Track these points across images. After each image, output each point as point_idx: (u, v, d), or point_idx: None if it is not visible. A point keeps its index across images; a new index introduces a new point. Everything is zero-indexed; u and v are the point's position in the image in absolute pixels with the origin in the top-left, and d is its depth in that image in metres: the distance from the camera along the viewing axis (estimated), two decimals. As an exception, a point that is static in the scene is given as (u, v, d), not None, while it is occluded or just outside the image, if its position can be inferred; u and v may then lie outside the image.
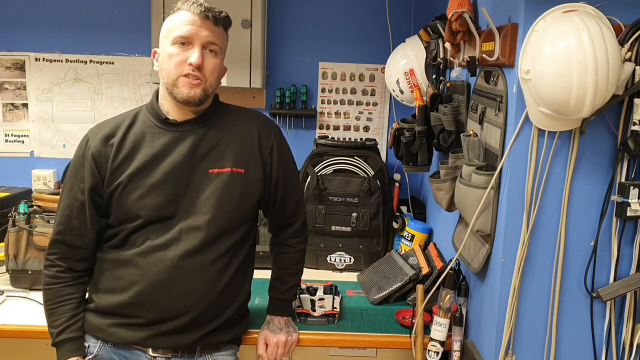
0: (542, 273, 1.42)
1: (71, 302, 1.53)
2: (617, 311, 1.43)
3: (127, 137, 1.50)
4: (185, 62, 1.44)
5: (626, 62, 1.27)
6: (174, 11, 1.50)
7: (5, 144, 2.69)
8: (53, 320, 1.52)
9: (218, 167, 1.50)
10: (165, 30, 1.49)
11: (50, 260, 1.54)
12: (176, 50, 1.45)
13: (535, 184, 1.38)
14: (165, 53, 1.47)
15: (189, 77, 1.45)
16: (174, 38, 1.45)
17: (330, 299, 1.90)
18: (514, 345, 1.45)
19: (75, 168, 1.53)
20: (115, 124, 1.54)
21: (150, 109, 1.54)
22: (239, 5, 2.39)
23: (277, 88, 2.65)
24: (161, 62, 1.50)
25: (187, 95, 1.45)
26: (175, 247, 1.47)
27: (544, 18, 1.27)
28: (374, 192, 2.28)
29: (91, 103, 2.67)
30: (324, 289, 1.96)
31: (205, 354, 1.57)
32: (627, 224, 1.39)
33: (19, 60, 2.62)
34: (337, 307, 1.88)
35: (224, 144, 1.53)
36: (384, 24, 2.59)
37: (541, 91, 1.25)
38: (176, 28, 1.46)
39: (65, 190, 1.54)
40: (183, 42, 1.45)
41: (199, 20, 1.45)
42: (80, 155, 1.52)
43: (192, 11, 1.46)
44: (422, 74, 2.14)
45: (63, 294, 1.53)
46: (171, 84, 1.46)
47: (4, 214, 2.21)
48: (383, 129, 2.73)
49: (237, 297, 1.59)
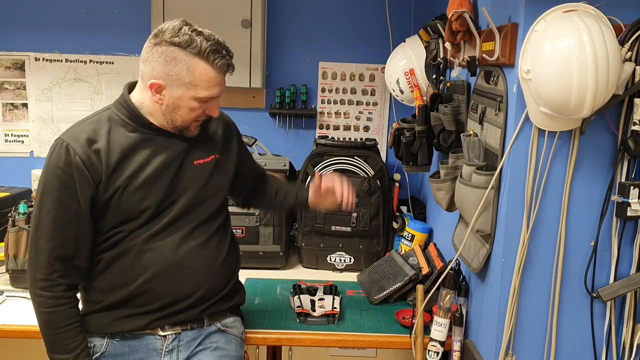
0: (542, 273, 1.42)
1: (79, 323, 1.48)
2: (617, 311, 1.43)
3: (112, 142, 1.46)
4: (203, 113, 1.50)
5: (626, 62, 1.27)
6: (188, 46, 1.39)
7: (5, 144, 2.69)
8: (65, 344, 1.45)
9: (202, 158, 1.58)
10: (185, 78, 1.41)
11: (52, 279, 1.44)
12: (198, 105, 1.46)
13: (536, 184, 1.38)
14: (182, 101, 1.45)
15: (198, 121, 1.53)
16: (200, 97, 1.44)
17: (330, 299, 1.90)
18: (514, 345, 1.45)
19: (58, 177, 1.43)
20: (91, 128, 1.48)
21: (128, 114, 1.49)
22: (239, 5, 2.39)
23: (277, 88, 2.65)
24: (173, 106, 1.46)
25: (195, 133, 1.55)
26: (173, 233, 1.52)
27: (544, 18, 1.27)
28: (374, 192, 2.28)
29: (91, 103, 2.66)
30: (324, 289, 1.96)
31: (214, 322, 1.62)
32: (627, 224, 1.39)
33: (19, 60, 2.62)
34: (337, 307, 1.88)
35: (202, 137, 1.60)
36: (384, 24, 2.59)
37: (541, 91, 1.25)
38: (202, 86, 1.43)
39: (48, 202, 1.44)
40: (206, 100, 1.47)
41: (222, 78, 1.47)
42: (62, 162, 1.43)
43: (219, 70, 1.44)
44: (422, 73, 2.14)
45: (71, 316, 1.47)
46: (183, 128, 1.51)
47: (3, 214, 2.21)
48: (383, 129, 2.73)
49: (235, 269, 1.70)
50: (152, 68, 1.43)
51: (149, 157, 1.49)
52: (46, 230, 1.44)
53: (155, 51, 1.42)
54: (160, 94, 1.45)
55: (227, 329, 1.64)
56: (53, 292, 1.45)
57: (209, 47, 1.41)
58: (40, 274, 1.44)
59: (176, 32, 1.40)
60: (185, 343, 1.57)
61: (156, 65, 1.42)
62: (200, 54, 1.40)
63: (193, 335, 1.58)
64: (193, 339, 1.58)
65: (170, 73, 1.42)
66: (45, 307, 1.45)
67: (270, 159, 2.40)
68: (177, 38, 1.39)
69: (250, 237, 2.26)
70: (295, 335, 1.76)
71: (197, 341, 1.58)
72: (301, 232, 2.31)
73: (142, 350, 1.54)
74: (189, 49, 1.40)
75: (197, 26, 1.44)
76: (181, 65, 1.41)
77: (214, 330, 1.61)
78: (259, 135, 2.44)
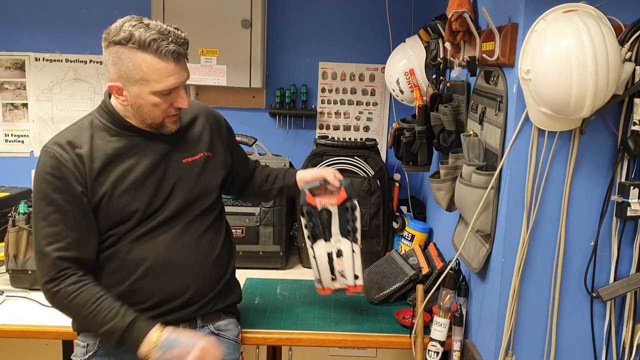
0: (542, 273, 1.42)
1: (108, 295, 1.44)
2: (617, 311, 1.43)
3: (94, 148, 1.45)
4: (171, 107, 1.46)
5: (626, 62, 1.27)
6: (129, 42, 1.36)
7: (5, 144, 2.69)
8: (104, 315, 1.41)
9: (190, 156, 1.57)
10: (136, 75, 1.38)
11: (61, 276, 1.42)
12: (160, 100, 1.42)
13: (536, 184, 1.38)
14: (143, 99, 1.41)
15: (173, 115, 1.49)
16: (157, 91, 1.40)
17: (349, 258, 1.70)
18: (514, 345, 1.45)
19: (48, 182, 1.42)
20: (73, 134, 1.47)
21: (109, 118, 1.49)
22: (239, 5, 2.39)
23: (277, 88, 2.65)
24: (137, 106, 1.43)
25: (173, 129, 1.51)
26: (163, 233, 1.51)
27: (544, 18, 1.27)
28: (374, 192, 2.28)
29: (91, 103, 2.66)
30: (340, 223, 1.70)
31: (207, 324, 1.61)
32: (627, 224, 1.39)
33: (19, 60, 2.62)
34: (359, 273, 1.71)
35: (188, 135, 1.59)
36: (384, 24, 2.59)
37: (541, 91, 1.25)
38: (154, 79, 1.38)
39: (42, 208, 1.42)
40: (168, 93, 1.43)
41: (176, 67, 1.40)
42: (49, 167, 1.42)
43: (168, 59, 1.38)
44: (422, 73, 2.14)
45: (98, 291, 1.43)
46: (157, 124, 1.48)
47: (3, 214, 2.21)
48: (383, 129, 2.73)
49: (228, 266, 1.67)
50: (108, 71, 1.42)
51: (134, 160, 1.48)
52: (46, 235, 1.43)
53: (107, 54, 1.41)
54: (122, 96, 1.44)
55: (220, 332, 1.63)
56: (67, 282, 1.42)
57: (149, 37, 1.35)
58: (48, 276, 1.42)
59: (118, 31, 1.37)
60: None
61: (110, 68, 1.41)
62: (141, 46, 1.36)
63: None
64: None
65: (121, 73, 1.39)
66: (66, 297, 1.42)
67: (270, 159, 2.40)
68: (118, 36, 1.36)
69: (250, 237, 2.26)
70: (295, 335, 1.76)
71: None
72: (301, 232, 2.31)
73: None
74: (129, 45, 1.36)
75: (145, 19, 1.40)
76: (127, 62, 1.38)
77: (207, 333, 1.59)
78: (259, 135, 2.44)
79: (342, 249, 1.69)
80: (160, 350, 1.40)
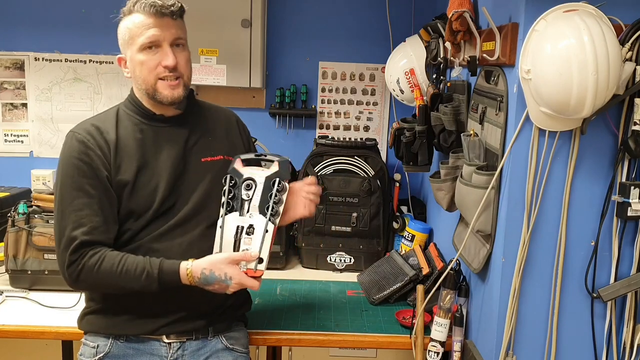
0: (542, 273, 1.42)
1: (129, 254, 1.44)
2: (618, 311, 1.43)
3: (120, 135, 1.49)
4: (159, 66, 1.46)
5: (627, 62, 1.27)
6: (126, 13, 1.47)
7: (5, 144, 2.69)
8: (134, 271, 1.41)
9: (210, 155, 1.58)
10: (126, 36, 1.47)
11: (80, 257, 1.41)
12: (146, 57, 1.45)
13: (536, 184, 1.38)
14: (134, 61, 1.47)
15: (166, 79, 1.48)
16: (140, 45, 1.44)
17: (260, 231, 1.51)
18: (515, 345, 1.45)
19: (74, 166, 1.44)
20: (99, 121, 1.51)
21: (134, 108, 1.53)
22: (239, 5, 2.39)
23: (277, 88, 2.65)
24: (133, 70, 1.49)
25: (171, 98, 1.49)
26: (181, 235, 1.50)
27: (544, 18, 1.27)
28: (374, 192, 2.28)
29: (91, 103, 2.66)
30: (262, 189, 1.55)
31: (218, 334, 1.59)
32: (627, 224, 1.38)
33: (19, 60, 2.62)
34: (265, 255, 1.51)
35: (210, 134, 1.61)
36: (384, 24, 2.59)
37: (542, 91, 1.25)
38: (137, 34, 1.44)
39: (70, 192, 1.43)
40: (150, 47, 1.45)
41: (157, 21, 1.44)
42: (76, 151, 1.45)
43: (147, 12, 1.43)
44: (423, 73, 2.14)
45: (117, 254, 1.43)
46: (151, 89, 1.48)
47: (3, 214, 2.21)
48: (383, 128, 2.73)
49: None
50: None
51: (155, 153, 1.50)
52: (71, 220, 1.42)
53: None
54: (126, 67, 1.51)
55: (234, 347, 1.61)
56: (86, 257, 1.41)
57: (136, 1, 1.44)
58: (68, 260, 1.41)
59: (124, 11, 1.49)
60: (190, 353, 1.55)
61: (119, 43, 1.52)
62: (130, 10, 1.46)
63: (197, 346, 1.56)
64: (197, 349, 1.56)
65: (120, 42, 1.50)
66: (92, 269, 1.41)
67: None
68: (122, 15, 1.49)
69: (250, 237, 2.25)
70: (295, 336, 1.76)
71: (203, 355, 1.56)
72: (301, 232, 2.30)
73: (145, 355, 1.53)
74: (123, 16, 1.48)
75: None
76: (122, 29, 1.48)
77: (222, 348, 1.58)
78: (259, 135, 2.43)
79: (254, 225, 1.51)
80: (200, 285, 1.46)
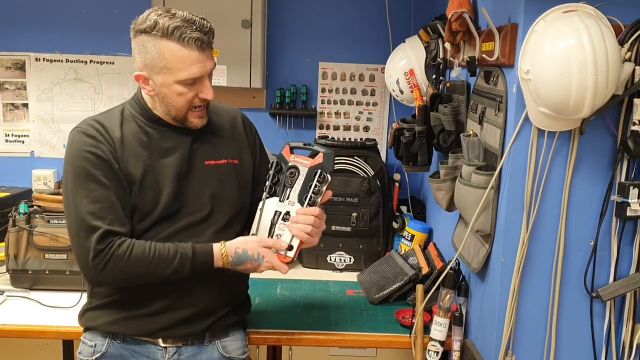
0: (542, 273, 1.42)
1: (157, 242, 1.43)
2: (617, 311, 1.43)
3: (125, 133, 1.46)
4: (195, 97, 1.44)
5: (626, 62, 1.27)
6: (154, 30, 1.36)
7: (6, 144, 2.69)
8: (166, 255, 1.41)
9: (214, 159, 1.54)
10: (159, 62, 1.38)
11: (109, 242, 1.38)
12: (185, 89, 1.41)
13: (535, 184, 1.38)
14: (168, 88, 1.41)
15: (198, 109, 1.47)
16: (181, 80, 1.39)
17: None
18: (514, 345, 1.45)
19: (86, 159, 1.40)
20: (103, 117, 1.48)
21: (140, 110, 1.50)
22: (239, 5, 2.40)
23: (277, 88, 2.65)
24: (162, 95, 1.43)
25: (200, 125, 1.49)
26: (187, 240, 1.47)
27: (543, 18, 1.27)
28: (374, 192, 2.28)
29: (91, 103, 2.67)
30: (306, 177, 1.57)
31: (215, 339, 1.58)
32: (626, 224, 1.39)
33: (19, 60, 2.62)
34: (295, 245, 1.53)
35: (214, 137, 1.57)
36: (384, 24, 2.59)
37: (541, 91, 1.25)
38: (178, 68, 1.38)
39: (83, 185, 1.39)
40: (192, 83, 1.42)
41: (201, 55, 1.39)
42: (86, 144, 1.41)
43: (191, 47, 1.37)
44: (422, 74, 2.14)
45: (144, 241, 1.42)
46: (181, 116, 1.47)
47: (4, 214, 2.21)
48: (383, 129, 2.73)
49: (242, 283, 1.65)
50: (135, 61, 1.43)
51: (159, 155, 1.48)
52: (89, 212, 1.38)
53: (134, 43, 1.42)
54: (148, 85, 1.44)
55: (230, 356, 1.59)
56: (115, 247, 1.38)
57: (172, 24, 1.35)
58: (94, 251, 1.37)
59: (144, 20, 1.39)
60: (185, 358, 1.54)
61: (137, 58, 1.42)
62: (165, 34, 1.35)
63: (193, 351, 1.55)
64: (193, 354, 1.55)
65: (146, 62, 1.40)
66: (122, 257, 1.38)
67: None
68: (144, 25, 1.37)
69: (251, 237, 2.26)
70: (295, 336, 1.76)
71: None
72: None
73: (141, 357, 1.53)
74: (154, 32, 1.36)
75: (173, 9, 1.40)
76: (151, 50, 1.38)
77: (217, 357, 1.57)
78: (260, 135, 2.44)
79: (291, 213, 1.54)
80: (232, 265, 1.48)
